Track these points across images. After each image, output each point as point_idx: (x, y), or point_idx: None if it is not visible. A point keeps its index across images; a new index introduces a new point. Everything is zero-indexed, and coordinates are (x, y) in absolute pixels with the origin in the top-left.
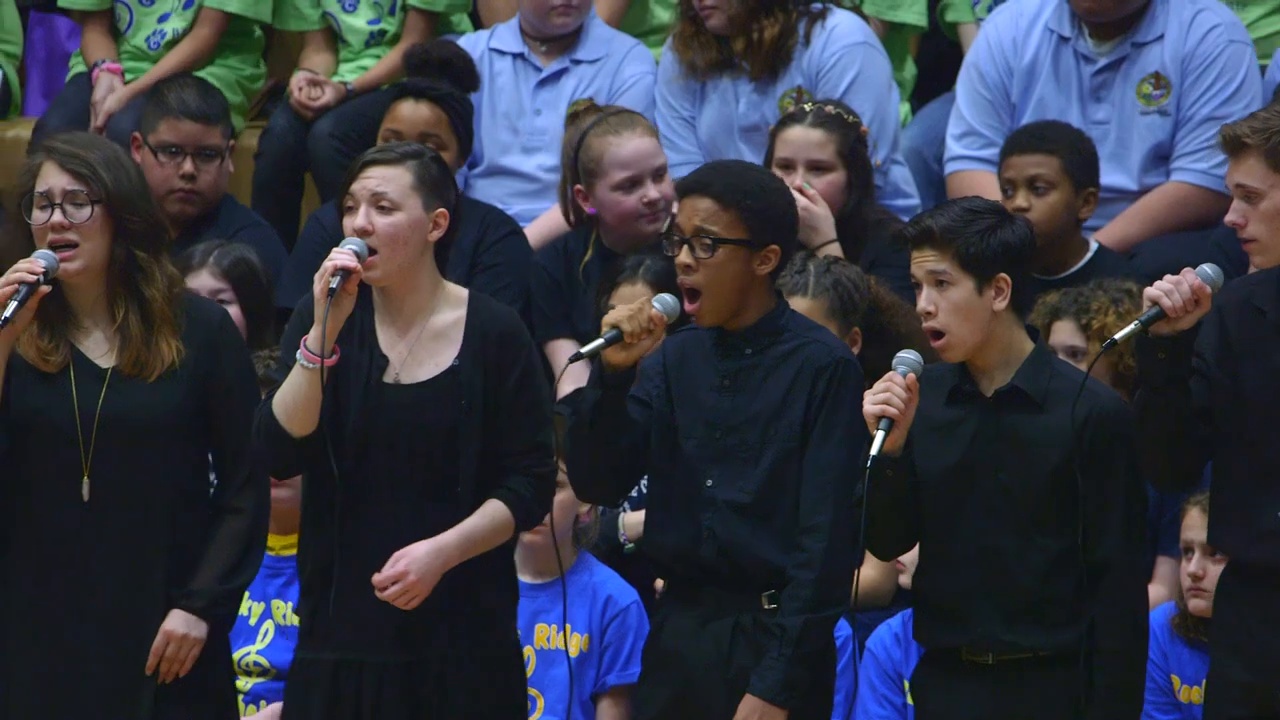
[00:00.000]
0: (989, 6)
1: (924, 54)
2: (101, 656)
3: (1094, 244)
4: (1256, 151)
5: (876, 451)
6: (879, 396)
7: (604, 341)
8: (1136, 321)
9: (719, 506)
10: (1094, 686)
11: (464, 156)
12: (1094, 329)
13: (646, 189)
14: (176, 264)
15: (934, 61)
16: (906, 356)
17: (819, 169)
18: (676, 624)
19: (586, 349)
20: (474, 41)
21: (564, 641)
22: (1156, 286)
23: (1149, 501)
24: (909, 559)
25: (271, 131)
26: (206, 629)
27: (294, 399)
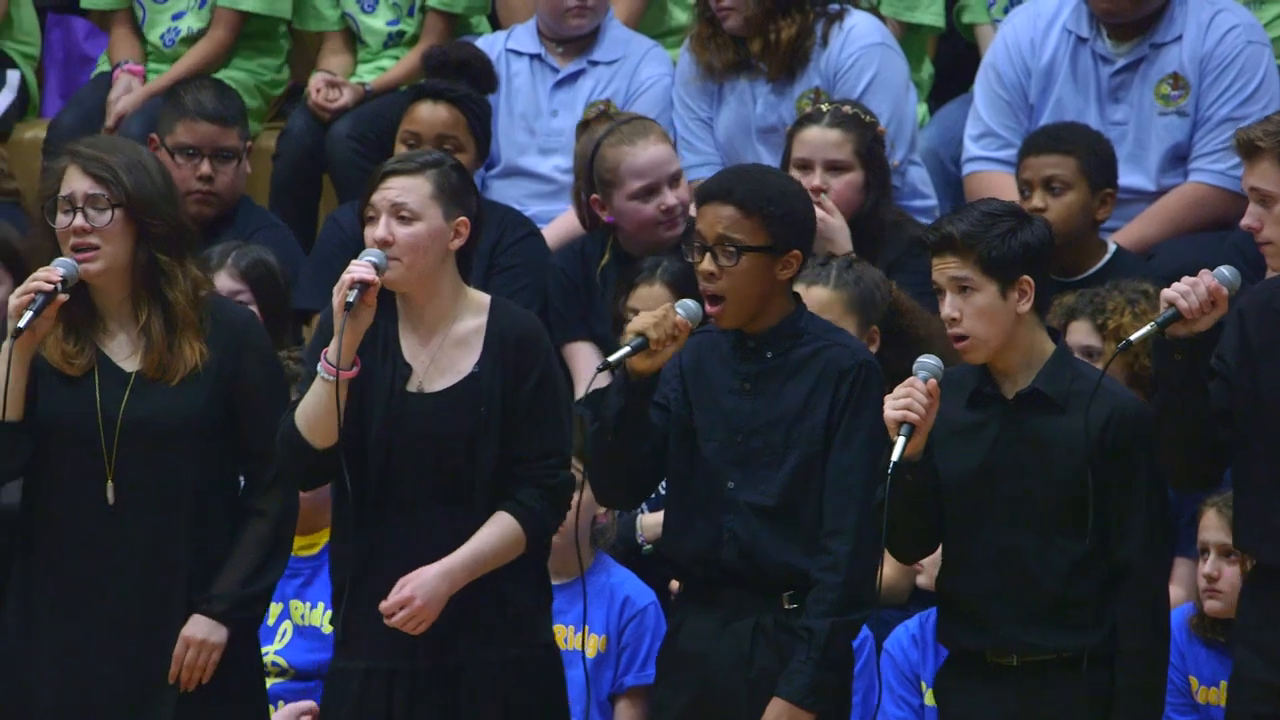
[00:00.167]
0: (1005, 8)
1: (941, 55)
2: (124, 660)
3: (1112, 245)
4: (1270, 155)
5: (898, 458)
6: (900, 402)
7: (630, 349)
8: (1153, 323)
9: (741, 509)
10: (1115, 687)
11: (482, 158)
12: (1109, 329)
13: (664, 196)
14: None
15: (951, 62)
16: (927, 362)
17: (836, 169)
18: (695, 626)
19: (613, 358)
20: (491, 42)
21: (581, 643)
22: (1173, 288)
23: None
24: (928, 559)
25: (289, 133)
26: (227, 634)
27: (315, 411)
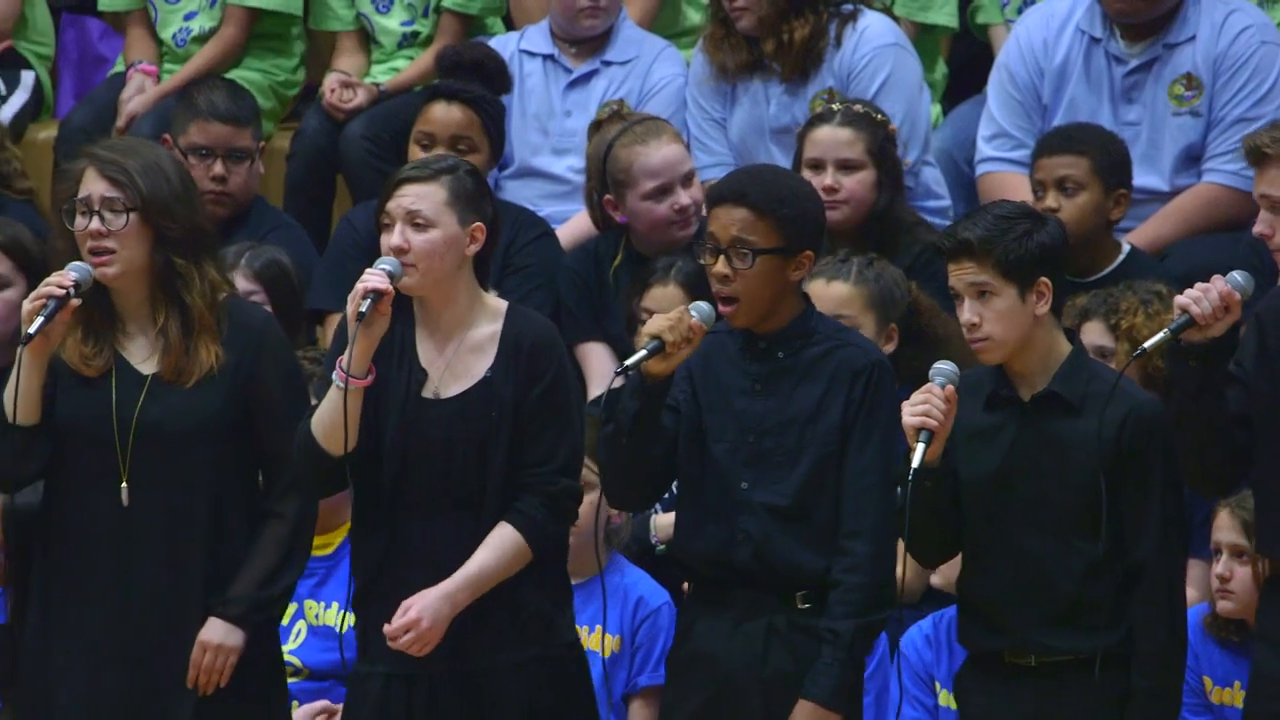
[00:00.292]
0: (1018, 8)
1: (955, 55)
2: (142, 661)
3: (1126, 246)
4: (1278, 161)
5: (917, 464)
6: (918, 409)
7: (646, 353)
8: (1166, 330)
9: (755, 509)
10: (1132, 688)
11: (496, 159)
12: (1123, 329)
13: (677, 196)
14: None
15: (965, 63)
16: (944, 368)
17: (848, 168)
18: (707, 627)
19: (630, 362)
20: (504, 43)
21: (598, 643)
22: (1186, 294)
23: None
24: None
25: (303, 133)
26: (243, 636)
27: (331, 419)
